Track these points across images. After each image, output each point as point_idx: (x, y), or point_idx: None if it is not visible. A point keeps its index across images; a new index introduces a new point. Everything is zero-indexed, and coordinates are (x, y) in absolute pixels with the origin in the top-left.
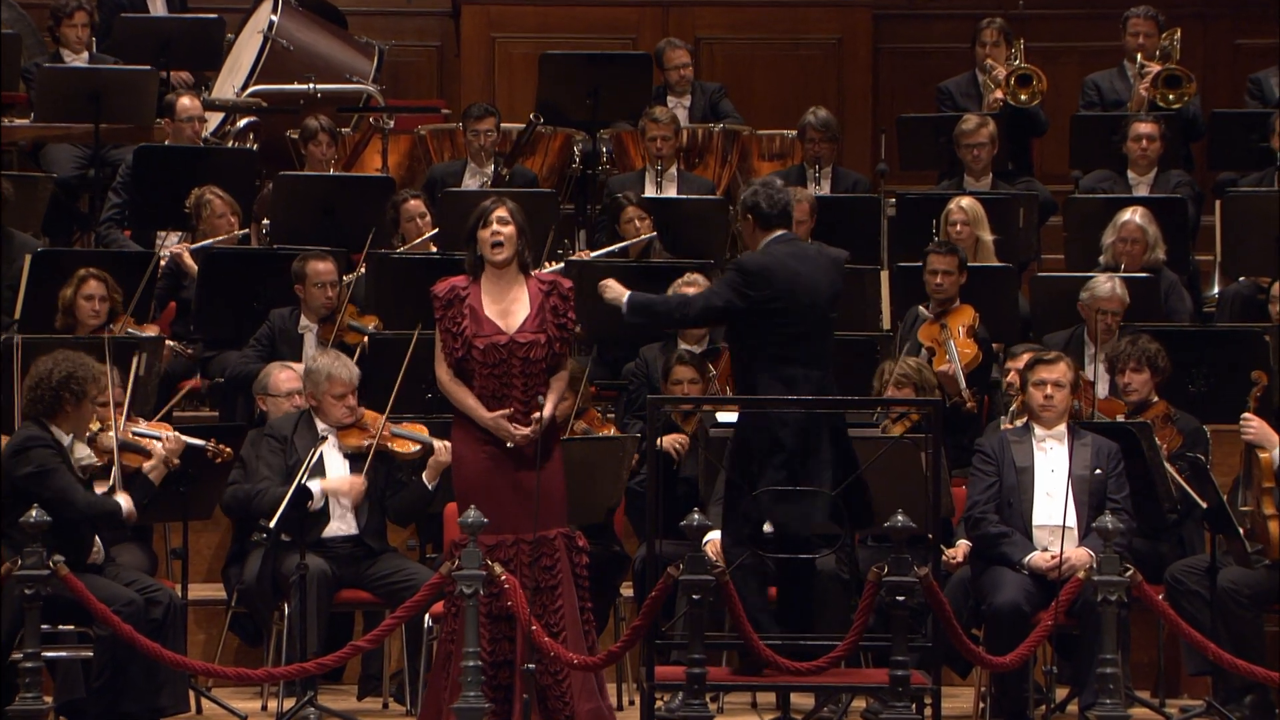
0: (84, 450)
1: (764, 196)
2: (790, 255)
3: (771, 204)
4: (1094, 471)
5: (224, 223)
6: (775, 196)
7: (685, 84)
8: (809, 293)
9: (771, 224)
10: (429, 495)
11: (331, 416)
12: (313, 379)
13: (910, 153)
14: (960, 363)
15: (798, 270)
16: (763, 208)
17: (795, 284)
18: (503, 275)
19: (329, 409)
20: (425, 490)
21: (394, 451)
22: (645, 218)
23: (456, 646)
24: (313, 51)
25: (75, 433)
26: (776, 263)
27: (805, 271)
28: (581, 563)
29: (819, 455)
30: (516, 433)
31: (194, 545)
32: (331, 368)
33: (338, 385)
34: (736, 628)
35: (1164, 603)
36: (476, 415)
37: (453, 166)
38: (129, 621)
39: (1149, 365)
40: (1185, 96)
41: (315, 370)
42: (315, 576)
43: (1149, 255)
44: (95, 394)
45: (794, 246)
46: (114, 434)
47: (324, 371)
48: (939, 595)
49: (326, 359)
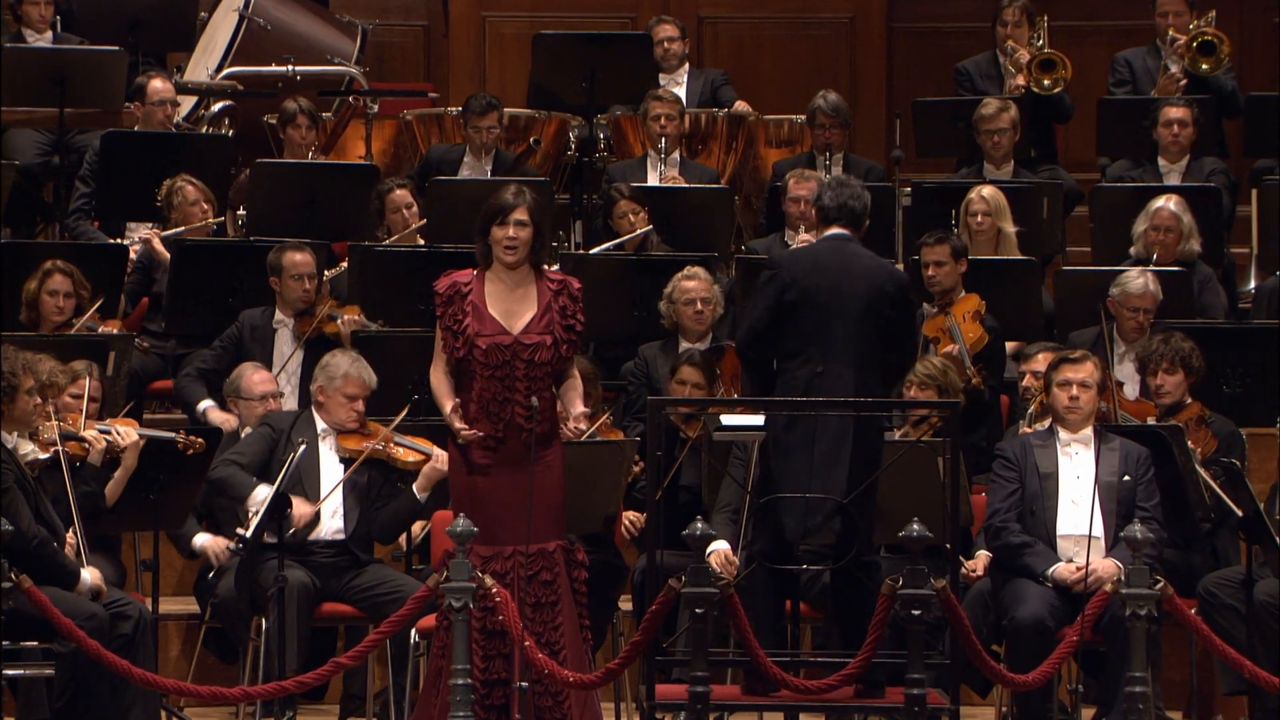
0: (28, 447)
1: (828, 192)
2: (828, 252)
3: (833, 199)
4: (1122, 478)
5: (196, 211)
6: (839, 193)
7: (673, 59)
8: (827, 291)
9: (828, 221)
10: (418, 506)
11: (336, 416)
12: (328, 373)
13: (927, 138)
14: (965, 343)
15: (825, 267)
16: (823, 201)
17: (816, 277)
18: (512, 273)
19: (336, 408)
20: (415, 501)
21: (395, 459)
22: (639, 211)
23: (447, 664)
24: (292, 31)
25: (18, 432)
26: (806, 255)
27: (834, 269)
28: (580, 577)
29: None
30: (464, 431)
31: (165, 556)
32: (350, 367)
33: (352, 385)
34: (742, 644)
35: (1197, 617)
36: (441, 408)
37: (452, 151)
38: (95, 637)
39: (1182, 365)
40: (1221, 61)
41: (333, 365)
42: (295, 589)
43: (1183, 246)
44: (32, 388)
45: (839, 245)
46: (54, 424)
47: (342, 369)
48: (957, 609)
49: (346, 358)
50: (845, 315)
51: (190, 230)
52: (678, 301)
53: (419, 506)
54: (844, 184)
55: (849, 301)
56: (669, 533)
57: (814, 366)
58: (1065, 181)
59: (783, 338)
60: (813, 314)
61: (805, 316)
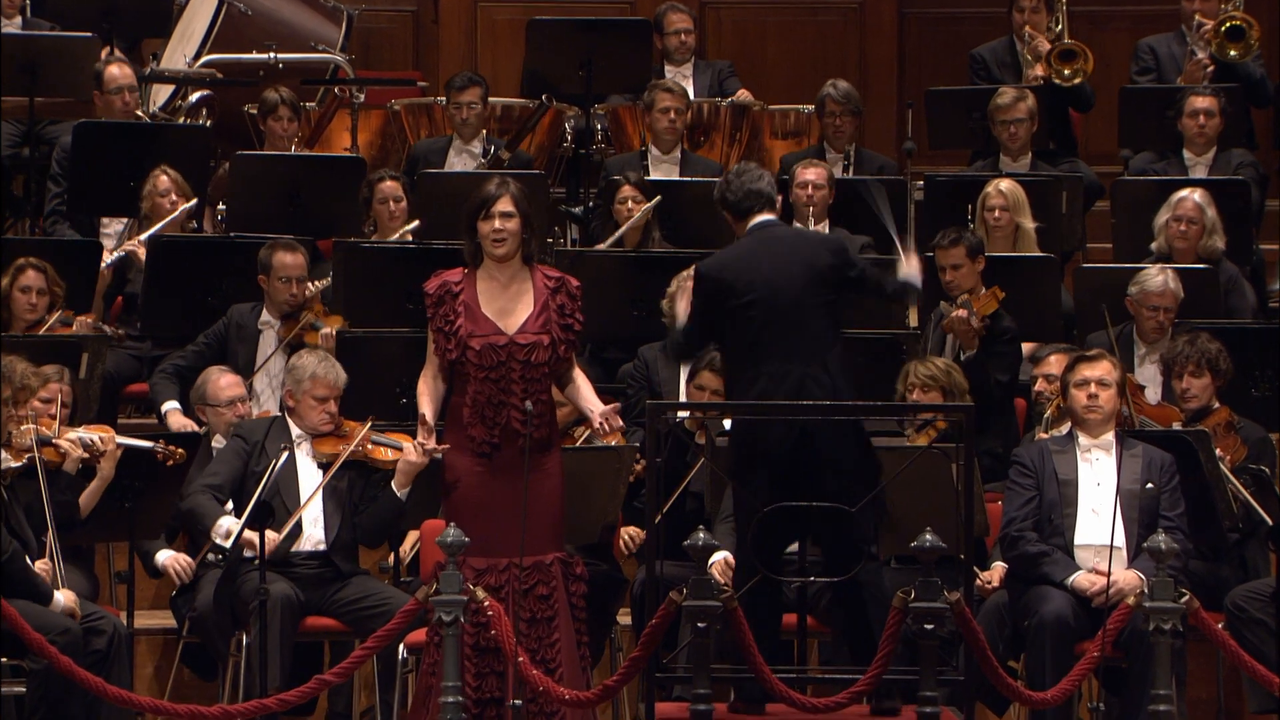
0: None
1: (727, 188)
2: (758, 244)
3: (736, 192)
4: (1145, 485)
5: (165, 203)
6: (737, 183)
7: (686, 52)
8: (768, 284)
9: (745, 213)
10: (400, 506)
11: (308, 421)
12: (295, 376)
13: (940, 130)
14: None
15: (760, 260)
16: (729, 199)
17: (754, 275)
18: (504, 268)
19: (307, 412)
20: (396, 500)
21: (373, 460)
22: (641, 200)
23: (438, 681)
24: (274, 17)
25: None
26: (734, 256)
27: (771, 261)
28: (578, 592)
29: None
30: (425, 445)
31: (140, 568)
32: (317, 367)
33: (321, 387)
34: (745, 659)
35: (1224, 632)
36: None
37: (436, 144)
38: (67, 653)
39: (1209, 368)
40: (1251, 47)
41: (300, 368)
42: (278, 602)
43: (1206, 241)
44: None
45: (767, 233)
46: (30, 428)
47: (309, 370)
48: (972, 623)
49: (313, 358)
50: (786, 299)
51: (160, 224)
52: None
53: (402, 506)
54: (738, 173)
55: (794, 283)
56: (670, 542)
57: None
58: (1085, 175)
59: (732, 344)
60: (759, 311)
61: (748, 318)
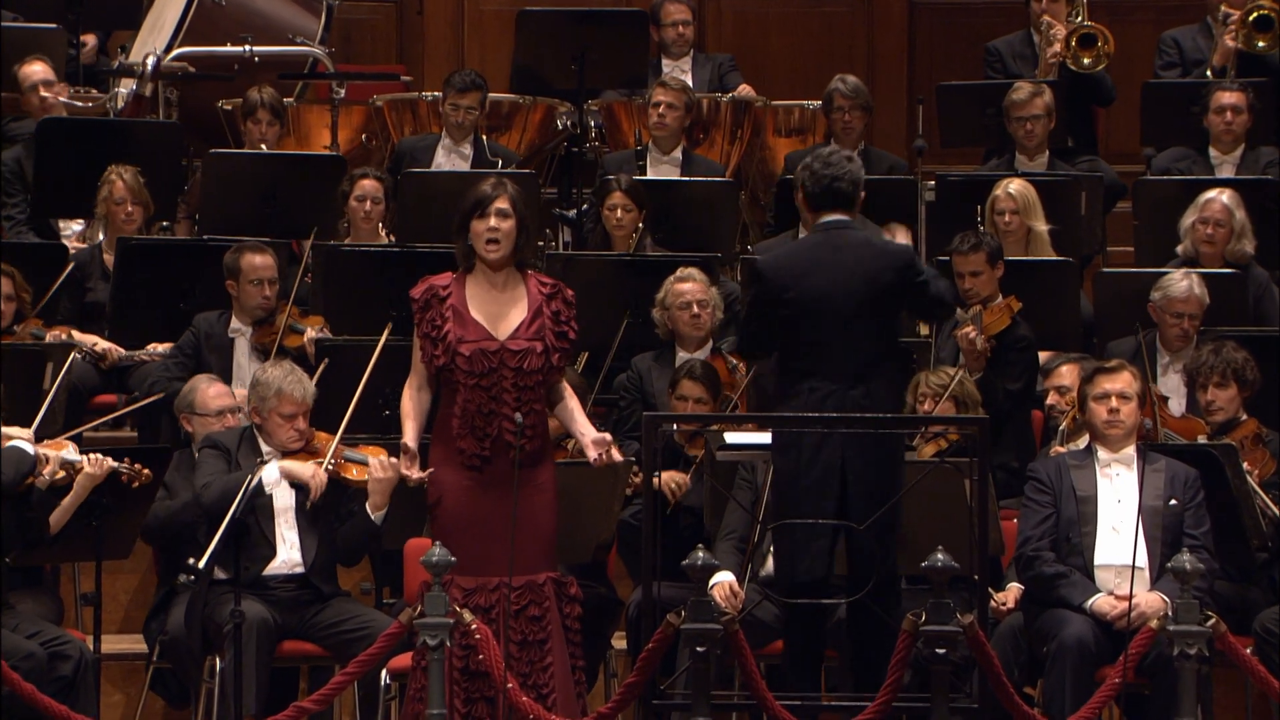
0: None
1: (807, 173)
2: (820, 247)
3: (816, 181)
4: (1169, 502)
5: (120, 212)
6: (820, 171)
7: (684, 45)
8: (821, 296)
9: (820, 205)
10: (375, 529)
11: (277, 439)
12: (259, 393)
13: (952, 126)
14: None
15: (814, 268)
16: (807, 186)
17: (805, 283)
18: (496, 273)
19: (275, 430)
20: (370, 522)
21: (345, 479)
22: (632, 209)
23: (425, 707)
24: (249, 8)
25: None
26: (792, 256)
27: (829, 269)
28: (573, 614)
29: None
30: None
31: (108, 589)
32: (283, 382)
33: (288, 404)
34: (748, 684)
35: (1252, 657)
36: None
37: (423, 141)
38: (30, 679)
39: (1236, 378)
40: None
41: (264, 383)
42: (254, 625)
43: (1234, 245)
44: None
45: (833, 237)
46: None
47: (274, 386)
48: (986, 647)
49: (279, 371)
50: (837, 314)
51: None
52: (671, 306)
53: (376, 529)
54: (826, 162)
55: (851, 298)
56: (667, 562)
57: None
58: (1106, 174)
59: (781, 353)
60: (807, 324)
61: (798, 328)
